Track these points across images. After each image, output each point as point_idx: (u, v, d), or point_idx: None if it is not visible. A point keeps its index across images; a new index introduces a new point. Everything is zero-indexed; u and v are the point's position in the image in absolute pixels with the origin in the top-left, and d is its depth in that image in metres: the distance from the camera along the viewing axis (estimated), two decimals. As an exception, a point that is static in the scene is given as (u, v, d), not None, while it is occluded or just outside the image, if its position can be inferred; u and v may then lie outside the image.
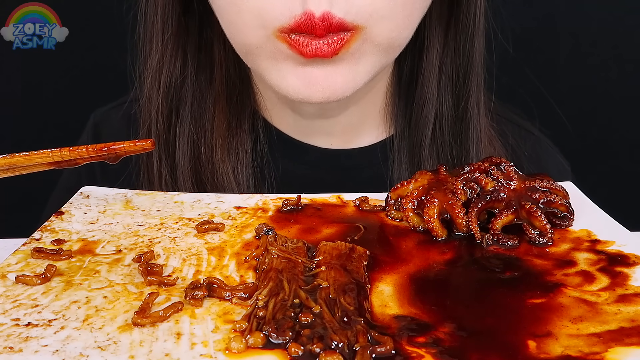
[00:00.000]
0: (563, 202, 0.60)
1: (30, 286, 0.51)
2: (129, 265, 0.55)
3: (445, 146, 0.80)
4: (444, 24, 0.79)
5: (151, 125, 0.80)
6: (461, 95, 0.79)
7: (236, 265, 0.55)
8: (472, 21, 0.77)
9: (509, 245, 0.58)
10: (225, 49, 0.80)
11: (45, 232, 0.60)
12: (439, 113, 0.80)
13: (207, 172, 0.79)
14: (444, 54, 0.79)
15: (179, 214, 0.65)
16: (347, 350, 0.42)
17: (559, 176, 0.91)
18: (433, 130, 0.80)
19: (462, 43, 0.78)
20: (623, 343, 0.43)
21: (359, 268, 0.53)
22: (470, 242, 0.59)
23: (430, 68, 0.80)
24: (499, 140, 0.85)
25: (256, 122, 0.83)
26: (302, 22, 0.64)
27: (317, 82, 0.68)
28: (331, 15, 0.63)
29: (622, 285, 0.51)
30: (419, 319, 0.47)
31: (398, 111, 0.83)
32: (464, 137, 0.80)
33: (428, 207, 0.60)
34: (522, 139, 0.88)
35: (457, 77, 0.79)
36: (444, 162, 0.80)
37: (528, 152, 0.87)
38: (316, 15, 0.63)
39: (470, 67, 0.79)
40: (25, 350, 0.42)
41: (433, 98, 0.80)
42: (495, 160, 0.63)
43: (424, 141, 0.81)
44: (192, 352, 0.42)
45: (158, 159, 0.79)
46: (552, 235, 0.58)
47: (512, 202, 0.60)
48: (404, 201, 0.62)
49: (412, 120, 0.81)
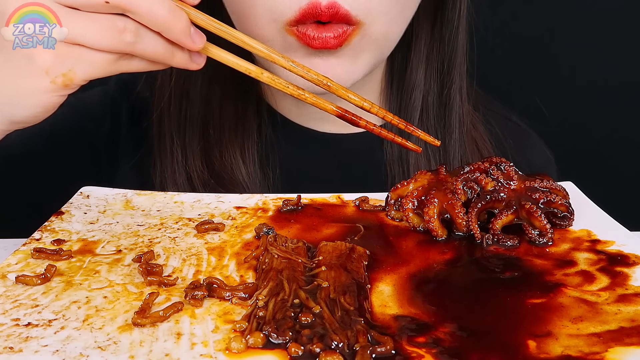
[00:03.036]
0: (563, 202, 0.60)
1: (30, 286, 0.51)
2: (129, 265, 0.55)
3: (431, 129, 0.86)
4: (431, 18, 0.85)
5: (164, 108, 0.84)
6: (445, 82, 0.86)
7: (236, 265, 0.55)
8: (457, 15, 0.83)
9: (509, 245, 0.58)
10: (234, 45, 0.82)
11: (45, 232, 0.60)
12: (425, 99, 0.86)
13: (216, 152, 0.83)
14: (431, 45, 0.86)
15: (179, 214, 0.65)
16: (347, 350, 0.42)
17: (543, 166, 0.94)
18: (420, 114, 0.86)
19: (447, 35, 0.84)
20: (623, 343, 0.43)
21: (359, 268, 0.53)
22: (471, 242, 0.59)
23: (418, 58, 0.86)
24: (484, 128, 0.91)
25: (261, 107, 0.87)
26: (307, 11, 0.67)
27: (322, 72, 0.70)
28: (337, 5, 0.67)
29: (622, 285, 0.51)
30: (419, 319, 0.47)
31: (391, 97, 0.89)
32: (447, 120, 0.86)
33: (428, 207, 0.60)
34: (507, 129, 0.93)
35: (441, 66, 0.86)
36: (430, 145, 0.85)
37: (513, 142, 0.92)
38: (322, 4, 0.67)
39: (454, 57, 0.85)
40: (26, 351, 0.42)
41: (420, 85, 0.86)
42: (496, 160, 0.63)
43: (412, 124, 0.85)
44: (192, 352, 0.42)
45: (170, 139, 0.83)
46: (552, 235, 0.58)
47: (512, 202, 0.60)
48: (404, 201, 0.62)
49: (402, 105, 0.87)
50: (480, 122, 0.91)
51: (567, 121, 1.23)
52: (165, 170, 0.82)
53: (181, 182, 0.81)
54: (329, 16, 0.67)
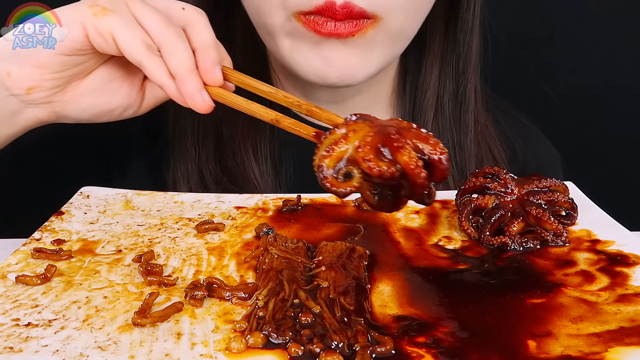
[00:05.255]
0: (566, 199, 0.60)
1: (30, 286, 0.51)
2: (129, 265, 0.55)
3: (446, 129, 0.86)
4: (444, 18, 0.85)
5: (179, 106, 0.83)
6: (460, 82, 0.86)
7: (236, 265, 0.55)
8: (471, 15, 0.84)
9: (530, 247, 0.57)
10: (246, 37, 0.84)
11: (45, 232, 0.60)
12: (440, 98, 0.86)
13: (229, 150, 0.83)
14: (445, 45, 0.86)
15: (179, 214, 0.65)
16: (347, 350, 0.42)
17: (551, 164, 0.95)
18: (435, 114, 0.86)
19: (462, 35, 0.85)
20: (623, 343, 0.43)
21: (359, 268, 0.53)
22: (470, 243, 0.59)
23: (433, 58, 0.86)
24: (495, 127, 0.91)
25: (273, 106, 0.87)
26: (322, 8, 0.68)
27: (333, 63, 0.72)
28: (352, 5, 0.68)
29: (622, 285, 0.51)
30: (419, 319, 0.47)
31: (403, 98, 0.89)
32: (462, 119, 0.86)
33: (401, 151, 0.46)
34: (515, 128, 0.94)
35: (457, 65, 0.86)
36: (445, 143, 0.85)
37: (522, 141, 0.92)
38: (337, 3, 0.67)
39: (469, 57, 0.85)
40: (26, 351, 0.42)
41: (435, 85, 0.86)
42: (488, 171, 0.62)
43: (426, 124, 0.86)
44: (192, 352, 0.42)
45: (185, 137, 0.83)
46: (567, 234, 0.58)
47: (516, 211, 0.59)
48: (359, 157, 0.47)
49: (415, 105, 0.87)
50: (491, 122, 0.91)
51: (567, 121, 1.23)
52: (179, 168, 0.83)
53: (194, 180, 0.82)
54: (343, 15, 0.68)
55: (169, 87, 0.59)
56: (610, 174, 1.25)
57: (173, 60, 0.58)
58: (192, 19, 0.61)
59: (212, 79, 0.59)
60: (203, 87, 0.59)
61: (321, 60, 0.72)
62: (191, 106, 0.59)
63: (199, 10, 0.62)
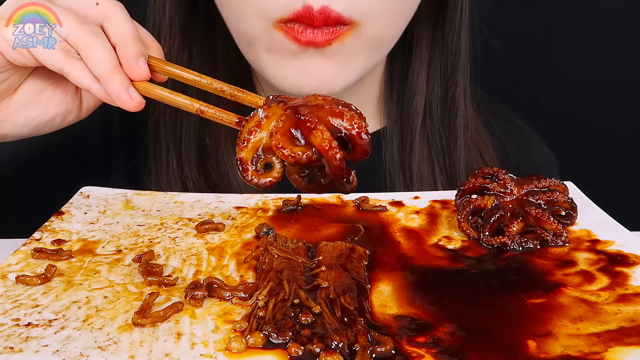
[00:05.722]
0: (566, 199, 0.60)
1: (30, 286, 0.51)
2: (129, 265, 0.55)
3: (435, 134, 0.84)
4: (431, 20, 0.83)
5: (159, 116, 0.83)
6: (449, 85, 0.84)
7: (236, 265, 0.55)
8: (459, 16, 0.82)
9: (530, 247, 0.57)
10: (227, 45, 0.82)
11: (46, 232, 0.60)
12: (428, 103, 0.84)
13: (212, 161, 0.82)
14: (432, 48, 0.84)
15: (179, 214, 0.65)
16: (347, 350, 0.42)
17: (546, 167, 0.93)
18: (423, 119, 0.84)
19: (450, 37, 0.82)
20: (623, 343, 0.43)
21: (359, 268, 0.53)
22: (470, 243, 0.59)
23: (419, 61, 0.84)
24: (487, 131, 0.90)
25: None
26: (300, 14, 0.67)
27: (310, 73, 0.71)
28: (329, 9, 0.66)
29: (622, 285, 0.51)
30: (419, 319, 0.47)
31: (390, 103, 0.87)
32: (452, 124, 0.84)
33: (313, 133, 0.44)
34: (509, 131, 0.92)
35: (445, 68, 0.84)
36: (434, 149, 0.84)
37: (515, 144, 0.91)
38: (315, 8, 0.66)
39: (457, 60, 0.83)
40: (26, 351, 0.42)
41: (422, 89, 0.84)
42: (488, 171, 0.62)
43: (414, 130, 0.84)
44: (192, 352, 0.42)
45: (166, 148, 0.82)
46: (567, 234, 0.58)
47: (516, 211, 0.59)
48: (273, 145, 0.46)
49: (403, 110, 0.85)
50: (482, 125, 0.89)
51: (567, 121, 1.23)
52: (161, 180, 0.81)
53: (177, 191, 0.80)
54: (320, 21, 0.67)
55: (95, 89, 0.56)
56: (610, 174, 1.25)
57: (93, 61, 0.55)
58: (108, 13, 0.57)
59: (137, 73, 0.56)
60: (129, 84, 0.56)
61: (298, 72, 0.71)
62: (120, 106, 0.56)
63: (115, 3, 0.58)
